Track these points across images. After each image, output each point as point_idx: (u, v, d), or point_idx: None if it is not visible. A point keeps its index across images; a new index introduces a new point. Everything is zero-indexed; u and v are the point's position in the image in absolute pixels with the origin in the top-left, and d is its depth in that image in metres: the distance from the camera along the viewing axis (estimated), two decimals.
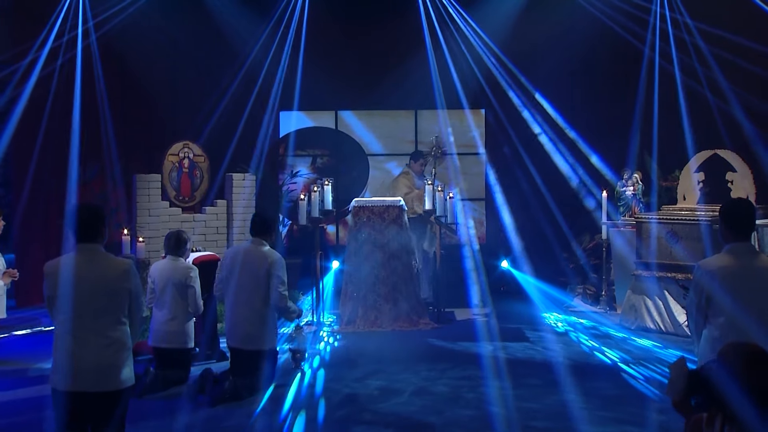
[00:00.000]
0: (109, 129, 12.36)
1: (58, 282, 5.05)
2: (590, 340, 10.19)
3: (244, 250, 7.94)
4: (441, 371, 8.70)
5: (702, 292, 5.20)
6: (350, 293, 11.13)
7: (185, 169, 12.22)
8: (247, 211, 12.44)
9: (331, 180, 11.73)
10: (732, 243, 5.29)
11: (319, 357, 9.41)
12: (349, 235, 11.52)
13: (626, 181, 12.15)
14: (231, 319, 7.87)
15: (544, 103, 13.46)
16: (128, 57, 12.76)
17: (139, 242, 10.43)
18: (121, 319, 5.14)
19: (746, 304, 5.08)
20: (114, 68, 12.93)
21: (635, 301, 10.72)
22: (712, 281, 5.16)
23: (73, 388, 4.98)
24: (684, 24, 12.40)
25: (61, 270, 5.08)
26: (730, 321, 5.08)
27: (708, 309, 5.20)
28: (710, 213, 9.82)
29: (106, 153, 12.27)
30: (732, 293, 5.11)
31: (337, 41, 14.13)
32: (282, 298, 7.79)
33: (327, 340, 10.37)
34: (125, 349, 5.14)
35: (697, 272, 5.29)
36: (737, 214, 5.34)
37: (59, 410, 5.03)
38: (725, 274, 5.16)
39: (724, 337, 4.96)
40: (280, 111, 14.57)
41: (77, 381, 4.98)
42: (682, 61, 12.45)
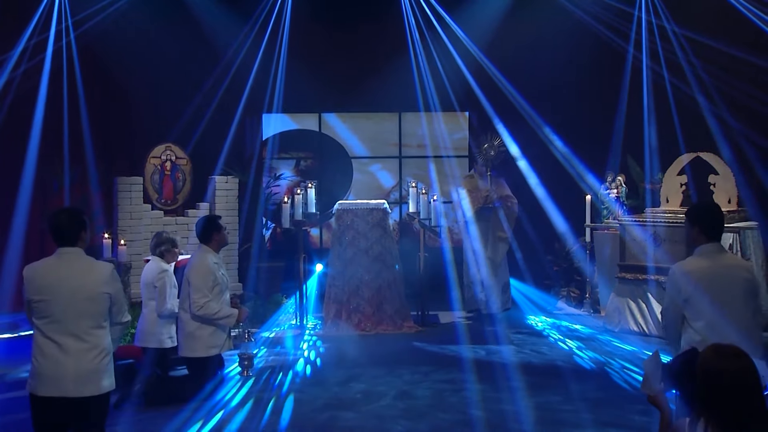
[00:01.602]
0: (89, 131, 12.30)
1: (38, 286, 5.03)
2: (574, 343, 10.24)
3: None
4: (424, 374, 8.73)
5: (679, 294, 5.21)
6: (334, 296, 11.15)
7: (167, 171, 12.17)
8: (230, 214, 12.42)
9: (314, 183, 11.73)
10: (704, 245, 5.32)
11: (303, 361, 9.41)
12: (332, 238, 11.54)
13: (609, 184, 12.22)
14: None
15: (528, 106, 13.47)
16: (109, 58, 12.70)
17: (121, 245, 10.38)
18: (102, 324, 5.12)
19: (724, 304, 5.12)
20: (94, 69, 12.87)
21: (619, 303, 10.79)
22: (688, 284, 5.18)
23: (51, 393, 4.95)
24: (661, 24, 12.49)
25: (41, 274, 5.07)
26: (710, 323, 5.10)
27: (686, 311, 5.22)
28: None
29: (87, 155, 12.20)
30: (710, 295, 5.14)
31: (321, 42, 14.12)
32: (197, 308, 7.58)
33: (310, 343, 10.37)
34: (106, 355, 5.12)
35: (673, 274, 5.31)
36: (710, 218, 5.37)
37: (37, 416, 5.01)
38: (702, 276, 5.19)
39: (705, 340, 4.94)
40: (263, 113, 14.55)
41: (56, 386, 4.95)
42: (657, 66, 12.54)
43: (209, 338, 7.69)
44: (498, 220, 11.61)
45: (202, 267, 7.65)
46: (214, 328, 7.70)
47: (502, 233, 11.64)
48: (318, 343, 10.42)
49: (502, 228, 11.60)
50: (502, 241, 11.71)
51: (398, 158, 15.25)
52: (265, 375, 8.73)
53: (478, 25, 13.56)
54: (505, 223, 11.60)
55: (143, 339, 8.21)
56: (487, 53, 13.52)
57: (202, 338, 7.66)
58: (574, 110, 13.54)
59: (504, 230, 11.62)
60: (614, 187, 12.20)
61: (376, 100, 14.14)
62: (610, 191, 12.18)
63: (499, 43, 13.45)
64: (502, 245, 11.73)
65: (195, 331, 7.67)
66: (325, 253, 12.60)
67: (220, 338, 7.77)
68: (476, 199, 11.68)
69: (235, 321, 7.90)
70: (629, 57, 12.89)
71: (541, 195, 13.26)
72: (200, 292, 7.56)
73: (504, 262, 11.87)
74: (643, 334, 10.36)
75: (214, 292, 7.69)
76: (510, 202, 11.77)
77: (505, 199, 11.73)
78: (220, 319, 7.68)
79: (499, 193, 11.71)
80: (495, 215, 11.64)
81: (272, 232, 14.34)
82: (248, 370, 8.65)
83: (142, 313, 8.27)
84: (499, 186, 11.83)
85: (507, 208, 11.68)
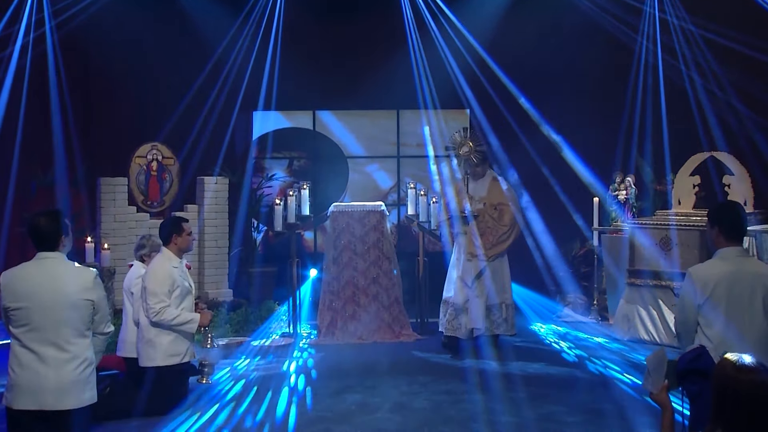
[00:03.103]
0: (71, 130, 12.28)
1: (16, 293, 5.02)
2: (580, 351, 10.23)
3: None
4: (422, 385, 8.71)
5: (694, 299, 5.21)
6: (328, 303, 11.14)
7: (153, 171, 12.20)
8: (220, 216, 12.44)
9: (308, 184, 11.73)
10: (724, 248, 5.32)
11: (295, 371, 9.38)
12: (327, 242, 11.53)
13: (618, 185, 12.21)
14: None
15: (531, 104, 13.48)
16: (92, 53, 12.72)
17: (104, 250, 10.40)
18: (84, 333, 5.12)
19: (741, 312, 5.12)
20: (77, 65, 12.86)
21: (628, 311, 10.77)
22: (704, 289, 5.19)
23: (29, 406, 4.94)
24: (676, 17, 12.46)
25: (19, 280, 5.06)
26: (724, 331, 5.11)
27: (700, 317, 5.22)
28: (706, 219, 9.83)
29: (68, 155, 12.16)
30: (726, 301, 5.15)
31: (315, 36, 14.11)
32: (153, 313, 7.45)
33: (304, 352, 10.36)
34: (88, 365, 5.12)
35: (689, 278, 5.30)
36: (731, 218, 5.37)
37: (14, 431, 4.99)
38: (719, 281, 5.19)
39: (718, 348, 4.99)
40: (255, 111, 14.54)
41: (35, 399, 4.94)
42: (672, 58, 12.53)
43: (169, 346, 7.57)
44: (473, 232, 10.01)
45: (160, 271, 7.54)
46: (174, 336, 7.60)
47: (472, 249, 9.97)
48: (312, 352, 10.40)
49: (474, 242, 9.96)
50: (471, 260, 9.99)
51: (396, 158, 15.24)
52: (255, 386, 8.69)
53: (479, 19, 13.56)
54: (479, 237, 9.96)
55: (124, 348, 8.18)
56: (488, 48, 13.50)
57: (161, 346, 7.55)
58: (580, 107, 13.51)
59: (477, 245, 9.98)
60: (623, 188, 12.19)
61: (373, 97, 14.11)
62: (618, 192, 12.17)
63: (501, 37, 13.44)
64: (473, 264, 9.98)
65: (154, 338, 7.57)
66: (319, 258, 12.59)
67: (181, 346, 7.66)
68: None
69: (196, 326, 7.74)
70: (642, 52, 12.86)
71: (546, 197, 13.26)
72: (156, 297, 7.43)
73: (502, 279, 10.11)
74: (654, 343, 10.33)
75: (174, 298, 7.59)
76: (500, 211, 10.08)
77: (495, 207, 10.10)
78: (179, 326, 7.53)
79: (491, 200, 10.12)
80: (471, 228, 10.06)
81: (264, 236, 14.33)
82: (207, 377, 8.61)
83: (123, 321, 8.25)
84: (495, 192, 10.18)
85: (491, 220, 10.04)
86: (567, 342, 10.84)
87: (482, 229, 10.00)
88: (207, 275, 12.44)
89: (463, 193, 10.17)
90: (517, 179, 13.00)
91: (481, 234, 9.98)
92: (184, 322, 7.56)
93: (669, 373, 4.52)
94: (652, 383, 4.47)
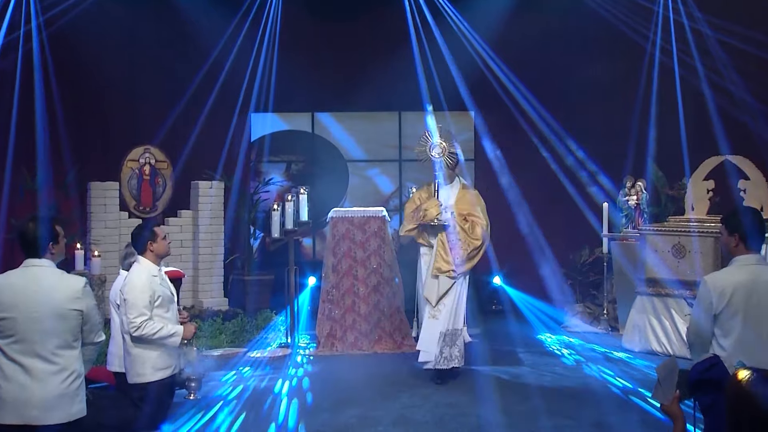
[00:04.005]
0: (61, 132, 12.24)
1: (1, 302, 4.99)
2: (589, 364, 10.19)
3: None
4: (424, 397, 8.68)
5: (710, 308, 5.20)
6: (327, 312, 11.13)
7: (146, 176, 12.20)
8: (215, 222, 12.42)
9: (307, 188, 11.71)
10: (742, 255, 5.29)
11: (293, 383, 9.36)
12: (326, 249, 11.50)
13: (629, 190, 12.19)
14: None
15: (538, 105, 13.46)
16: (83, 53, 12.62)
17: (94, 257, 10.38)
18: (73, 344, 5.09)
19: (759, 323, 5.12)
20: (67, 65, 12.79)
21: (639, 321, 10.75)
22: (721, 298, 5.17)
23: (14, 421, 4.90)
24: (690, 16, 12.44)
25: (5, 288, 5.03)
26: (740, 342, 5.11)
27: (716, 328, 5.21)
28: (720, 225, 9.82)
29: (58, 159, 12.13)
30: (743, 312, 5.14)
31: (314, 35, 14.09)
32: (134, 328, 7.20)
33: (301, 364, 10.33)
34: (76, 378, 5.09)
35: (705, 287, 5.29)
36: (749, 225, 5.34)
37: None
38: (736, 290, 5.18)
39: (732, 358, 5.00)
40: (251, 113, 14.51)
41: (20, 413, 4.90)
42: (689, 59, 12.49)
43: (158, 360, 7.49)
44: (442, 244, 9.33)
45: (138, 282, 7.34)
46: (162, 348, 7.55)
47: (442, 264, 9.29)
48: (310, 363, 10.38)
49: (443, 257, 9.28)
50: (438, 277, 9.30)
51: (398, 161, 15.23)
52: (252, 399, 8.67)
53: (484, 18, 13.52)
54: (453, 251, 9.26)
55: (114, 362, 8.14)
56: (494, 48, 13.48)
57: (150, 360, 7.44)
58: (589, 109, 13.51)
59: (447, 261, 9.25)
60: (633, 193, 12.17)
61: (374, 98, 14.09)
62: (629, 198, 12.15)
63: (507, 36, 13.41)
64: (441, 281, 9.29)
65: (141, 353, 7.49)
66: (318, 265, 12.56)
67: (169, 359, 7.60)
68: (412, 215, 9.66)
69: (179, 339, 7.54)
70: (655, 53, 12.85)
71: (554, 202, 13.24)
72: (136, 309, 7.21)
73: (455, 302, 9.33)
74: (667, 355, 10.30)
75: (156, 309, 7.50)
76: (472, 223, 9.42)
77: (465, 218, 9.45)
78: (161, 339, 7.34)
79: (460, 209, 9.47)
80: (440, 238, 9.38)
81: (261, 242, 14.32)
82: (195, 392, 8.57)
83: (111, 333, 8.20)
84: (464, 201, 9.57)
85: (463, 232, 9.34)
86: (574, 353, 10.80)
87: (452, 242, 9.30)
88: (202, 283, 12.43)
89: (433, 200, 9.51)
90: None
91: (451, 248, 9.30)
92: (167, 336, 7.41)
93: (680, 383, 4.49)
94: (662, 394, 4.44)
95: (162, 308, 7.38)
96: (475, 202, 9.57)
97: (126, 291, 7.23)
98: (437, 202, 9.42)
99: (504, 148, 13.79)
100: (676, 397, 4.45)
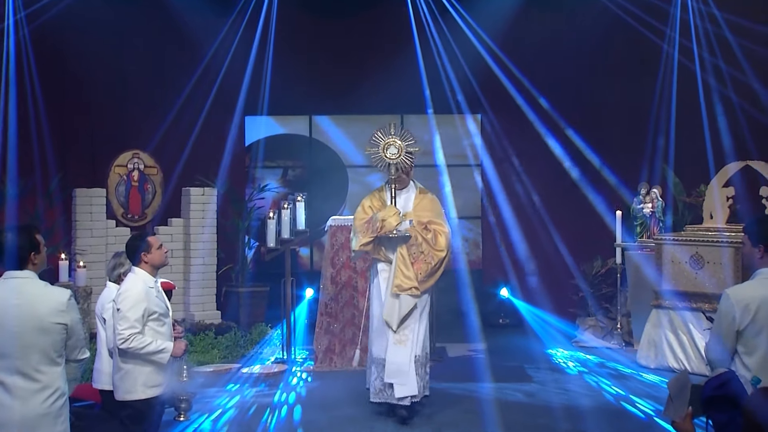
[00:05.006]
0: (44, 137, 12.22)
1: None
2: (602, 381, 10.15)
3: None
4: (426, 417, 8.61)
5: (732, 324, 5.15)
6: (326, 326, 11.07)
7: (134, 182, 12.18)
8: (208, 230, 12.39)
9: (304, 195, 11.67)
10: (766, 268, 5.24)
11: (289, 400, 9.31)
12: (325, 259, 11.46)
13: (643, 198, 12.16)
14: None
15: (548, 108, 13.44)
16: (68, 53, 12.62)
17: (79, 268, 10.34)
18: (56, 360, 5.04)
19: None
20: (51, 66, 12.79)
21: (655, 335, 10.71)
22: (745, 313, 5.12)
23: None
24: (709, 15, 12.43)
25: None
26: (766, 360, 5.06)
27: (738, 344, 5.15)
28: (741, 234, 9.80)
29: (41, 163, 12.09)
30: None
31: (312, 34, 14.06)
32: (122, 340, 7.08)
33: (298, 380, 10.29)
34: (60, 396, 5.03)
35: (727, 301, 5.23)
36: None
37: None
38: (762, 304, 5.13)
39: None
40: (246, 116, 14.49)
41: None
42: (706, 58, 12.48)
43: (149, 377, 7.41)
44: (403, 259, 8.55)
45: (133, 293, 7.25)
46: (153, 365, 7.46)
47: (403, 281, 8.47)
48: (307, 380, 10.34)
49: (404, 273, 8.49)
50: (400, 296, 8.48)
51: None
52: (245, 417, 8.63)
53: (492, 16, 13.50)
54: (414, 265, 8.53)
55: (100, 380, 8.07)
56: (502, 47, 13.47)
57: (141, 377, 7.37)
58: (602, 112, 13.50)
59: (409, 277, 8.47)
60: (648, 200, 12.13)
61: (374, 101, 14.04)
62: (643, 206, 12.11)
63: (517, 35, 13.43)
64: (403, 301, 8.49)
65: (132, 369, 7.42)
66: (315, 277, 12.53)
67: (160, 375, 7.50)
68: (367, 226, 8.72)
69: (168, 356, 7.39)
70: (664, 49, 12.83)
71: (564, 209, 13.21)
72: (127, 322, 7.12)
73: (425, 322, 8.73)
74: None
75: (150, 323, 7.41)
76: (434, 233, 8.65)
77: (426, 226, 8.68)
78: (149, 355, 7.21)
79: (420, 217, 8.70)
80: (400, 251, 8.61)
81: (255, 252, 14.29)
82: (185, 413, 8.50)
83: (97, 349, 8.14)
84: (423, 208, 8.81)
85: (425, 243, 8.59)
86: (587, 370, 10.77)
87: (414, 255, 8.57)
88: (193, 295, 12.38)
89: (391, 208, 8.66)
90: None
91: (413, 261, 8.56)
92: (155, 352, 7.32)
93: (693, 399, 4.45)
94: (674, 410, 4.42)
95: (157, 322, 7.32)
96: (435, 207, 8.87)
97: (119, 301, 7.18)
98: (396, 210, 8.59)
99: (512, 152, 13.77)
100: (688, 414, 4.42)
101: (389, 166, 8.62)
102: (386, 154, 8.67)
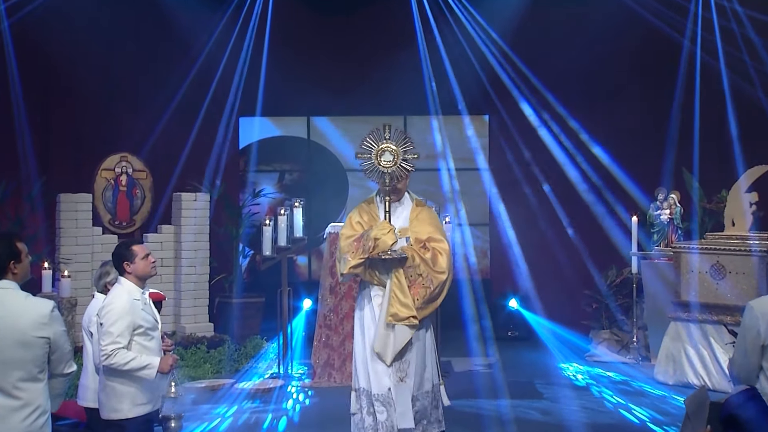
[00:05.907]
0: (26, 138, 12.20)
1: None
2: (617, 397, 10.15)
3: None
4: None
5: (758, 338, 5.09)
6: (325, 339, 11.07)
7: (123, 187, 12.15)
8: (200, 238, 12.38)
9: (301, 201, 11.68)
10: None
11: (286, 417, 9.32)
12: (323, 269, 11.44)
13: (661, 204, 12.14)
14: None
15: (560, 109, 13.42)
16: (52, 50, 12.60)
17: (64, 277, 10.30)
18: (38, 376, 5.01)
19: None
20: (33, 64, 12.80)
21: (674, 349, 10.67)
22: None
23: None
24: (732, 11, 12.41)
25: None
26: None
27: (765, 360, 5.10)
28: (765, 242, 9.77)
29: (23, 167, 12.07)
30: None
31: (310, 32, 14.09)
32: (105, 356, 6.92)
33: (295, 397, 10.28)
34: (42, 414, 5.00)
35: (750, 314, 5.18)
36: None
37: None
38: None
39: None
40: (240, 117, 14.51)
41: None
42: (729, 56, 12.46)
43: (137, 394, 7.32)
44: (399, 283, 7.70)
45: (117, 305, 7.23)
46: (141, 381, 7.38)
47: (399, 309, 7.61)
48: (305, 395, 10.33)
49: (400, 300, 7.64)
50: (395, 327, 7.63)
51: None
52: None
53: (500, 12, 13.53)
54: (411, 290, 7.70)
55: (84, 395, 8.01)
56: (510, 45, 13.51)
57: (128, 394, 7.29)
58: (617, 114, 13.49)
59: (406, 305, 7.62)
60: (666, 206, 12.11)
61: (376, 102, 14.08)
62: (661, 211, 12.09)
63: (525, 33, 13.43)
64: (398, 332, 7.64)
65: (119, 386, 7.35)
66: (314, 287, 12.50)
67: (148, 393, 7.44)
68: (357, 245, 7.85)
69: (154, 372, 7.22)
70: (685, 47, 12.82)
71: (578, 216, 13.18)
72: (111, 336, 6.98)
73: (430, 353, 7.95)
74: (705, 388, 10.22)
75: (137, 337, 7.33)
76: (433, 252, 7.77)
77: (424, 244, 7.80)
78: (133, 371, 7.03)
79: (417, 234, 7.84)
80: (395, 275, 7.73)
81: (250, 261, 14.29)
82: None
83: (83, 364, 8.09)
84: (421, 222, 7.95)
85: (423, 264, 7.70)
86: (601, 385, 10.75)
87: (411, 278, 7.72)
88: (184, 306, 12.34)
89: (385, 224, 7.80)
90: None
91: (409, 285, 7.71)
92: (139, 368, 7.23)
93: (712, 418, 4.41)
94: (692, 429, 4.36)
95: (144, 336, 7.23)
96: (434, 221, 8.05)
97: (102, 315, 7.11)
98: (390, 227, 7.70)
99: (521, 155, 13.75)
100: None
101: (383, 175, 7.80)
102: (380, 162, 7.86)
